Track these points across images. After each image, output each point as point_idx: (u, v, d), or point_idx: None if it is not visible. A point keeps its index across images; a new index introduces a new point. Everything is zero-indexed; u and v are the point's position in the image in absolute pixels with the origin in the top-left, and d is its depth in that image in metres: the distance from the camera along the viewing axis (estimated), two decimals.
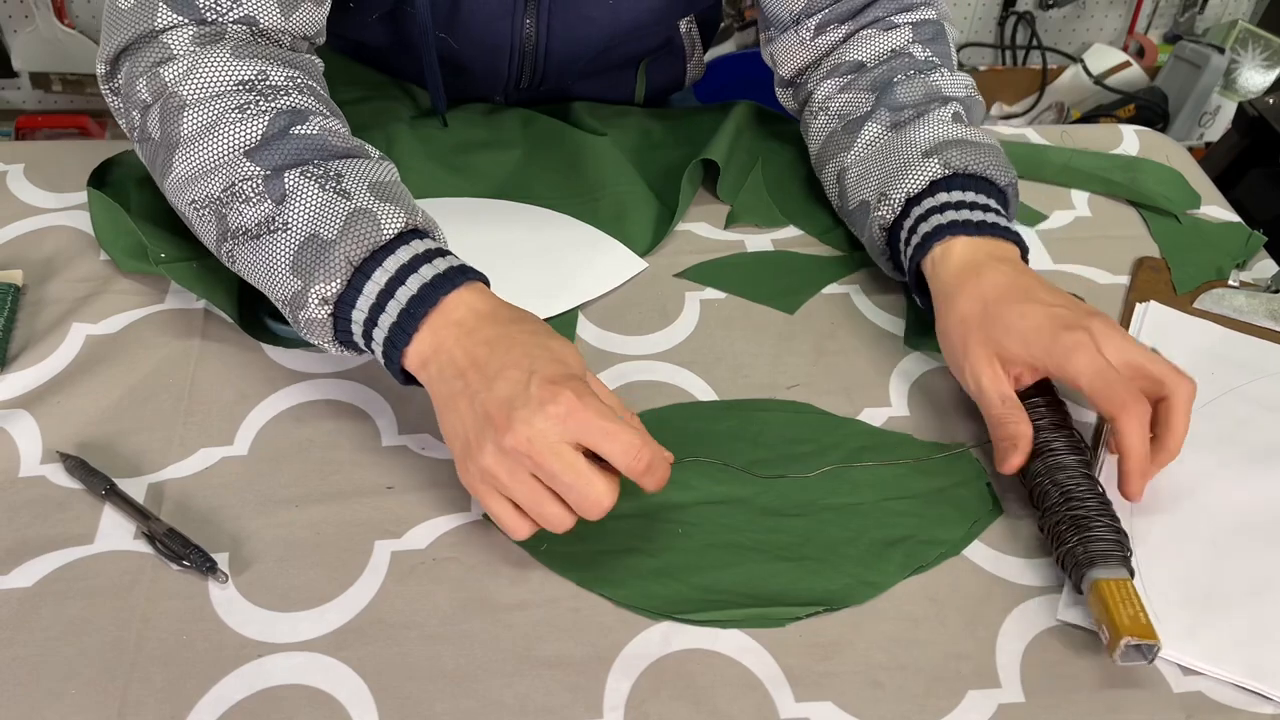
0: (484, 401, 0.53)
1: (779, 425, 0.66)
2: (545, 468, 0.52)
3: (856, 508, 0.62)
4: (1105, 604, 0.54)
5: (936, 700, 0.53)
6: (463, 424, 0.54)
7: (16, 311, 0.70)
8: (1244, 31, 2.31)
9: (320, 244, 0.57)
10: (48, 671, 0.52)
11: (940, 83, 0.76)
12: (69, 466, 0.61)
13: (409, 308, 0.56)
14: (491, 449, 0.53)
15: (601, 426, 0.52)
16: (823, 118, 0.80)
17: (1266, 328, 0.75)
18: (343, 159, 0.61)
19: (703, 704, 0.53)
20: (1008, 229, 0.68)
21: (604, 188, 0.82)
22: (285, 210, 0.58)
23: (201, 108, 0.61)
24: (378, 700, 0.52)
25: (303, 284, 0.58)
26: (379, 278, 0.57)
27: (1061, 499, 0.59)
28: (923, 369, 0.71)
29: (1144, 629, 0.52)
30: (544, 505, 0.53)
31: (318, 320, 0.58)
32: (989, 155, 0.71)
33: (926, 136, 0.72)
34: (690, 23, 0.96)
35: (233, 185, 0.60)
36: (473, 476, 0.54)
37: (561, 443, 0.52)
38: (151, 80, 0.62)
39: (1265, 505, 0.63)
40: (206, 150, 0.60)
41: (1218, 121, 2.29)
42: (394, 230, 0.58)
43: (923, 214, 0.69)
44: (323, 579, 0.57)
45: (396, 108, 0.88)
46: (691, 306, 0.75)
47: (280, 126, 0.61)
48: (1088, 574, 0.55)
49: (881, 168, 0.73)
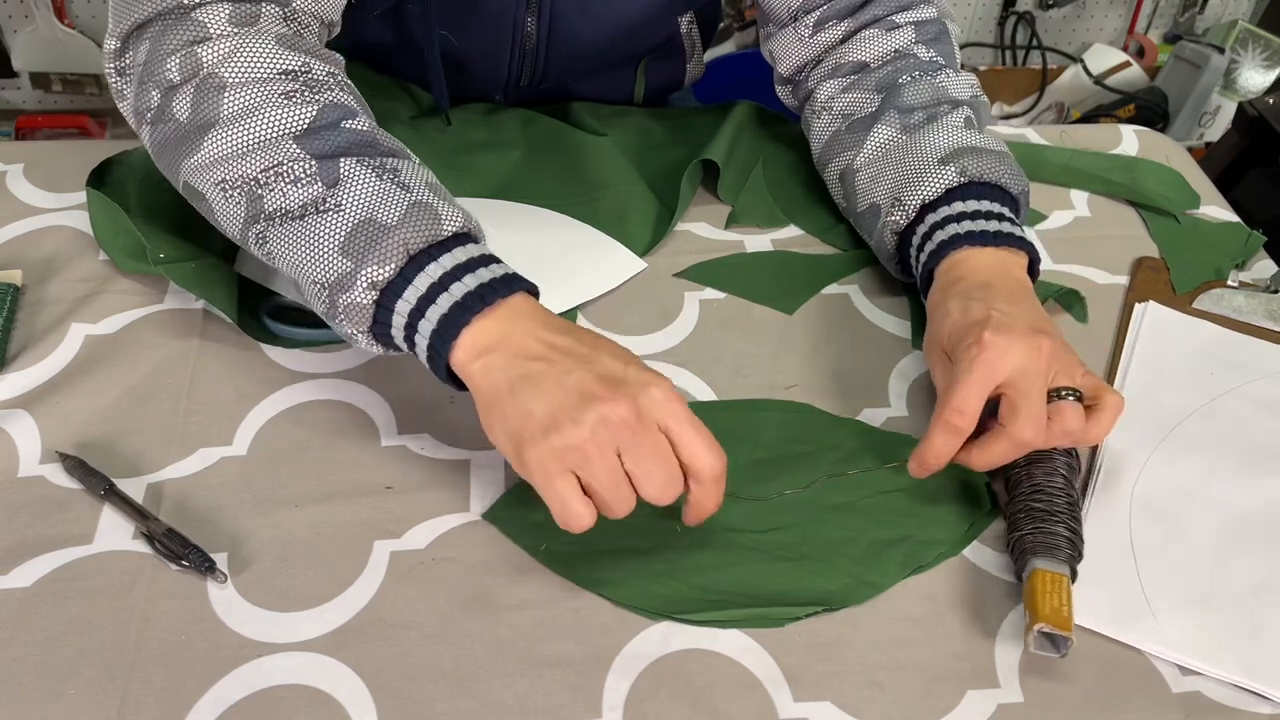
0: (581, 377, 0.52)
1: (778, 425, 0.66)
2: (642, 442, 0.52)
3: (855, 508, 0.62)
4: (1034, 591, 0.54)
5: (936, 700, 0.53)
6: (544, 403, 0.52)
7: (16, 311, 0.70)
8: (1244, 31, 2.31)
9: (377, 227, 0.56)
10: (48, 671, 0.52)
11: (946, 84, 0.76)
12: (68, 466, 0.61)
13: (465, 301, 0.54)
14: (594, 419, 0.51)
15: (695, 421, 0.53)
16: (825, 117, 0.80)
17: (1266, 328, 0.75)
18: (396, 157, 0.60)
19: (702, 704, 0.53)
20: (1021, 238, 0.68)
21: (604, 188, 0.82)
22: (339, 193, 0.57)
23: (244, 90, 0.59)
24: (377, 700, 0.52)
25: (353, 266, 0.56)
26: (433, 270, 0.55)
27: (1030, 490, 0.59)
28: (922, 369, 0.71)
29: (1062, 620, 0.53)
30: (620, 485, 0.52)
31: (360, 306, 0.56)
32: (1003, 163, 0.71)
33: (941, 143, 0.72)
34: (691, 23, 0.96)
35: (278, 165, 0.58)
36: (547, 456, 0.52)
37: (659, 429, 0.52)
38: (186, 59, 0.60)
39: (1265, 505, 0.63)
40: (248, 131, 0.58)
41: (1218, 121, 2.29)
42: (453, 228, 0.57)
43: (938, 222, 0.69)
44: (322, 579, 0.57)
45: (397, 108, 0.88)
46: (691, 306, 0.75)
47: (331, 118, 0.59)
48: (1030, 562, 0.56)
49: (895, 172, 0.73)
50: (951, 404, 0.59)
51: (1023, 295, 0.65)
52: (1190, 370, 0.71)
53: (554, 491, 0.52)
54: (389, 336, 0.58)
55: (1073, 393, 0.60)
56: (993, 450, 0.60)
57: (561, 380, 0.53)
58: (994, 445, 0.59)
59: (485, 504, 0.61)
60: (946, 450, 0.60)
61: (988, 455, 0.60)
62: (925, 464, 0.61)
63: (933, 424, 0.60)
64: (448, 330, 0.54)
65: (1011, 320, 0.61)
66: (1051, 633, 0.53)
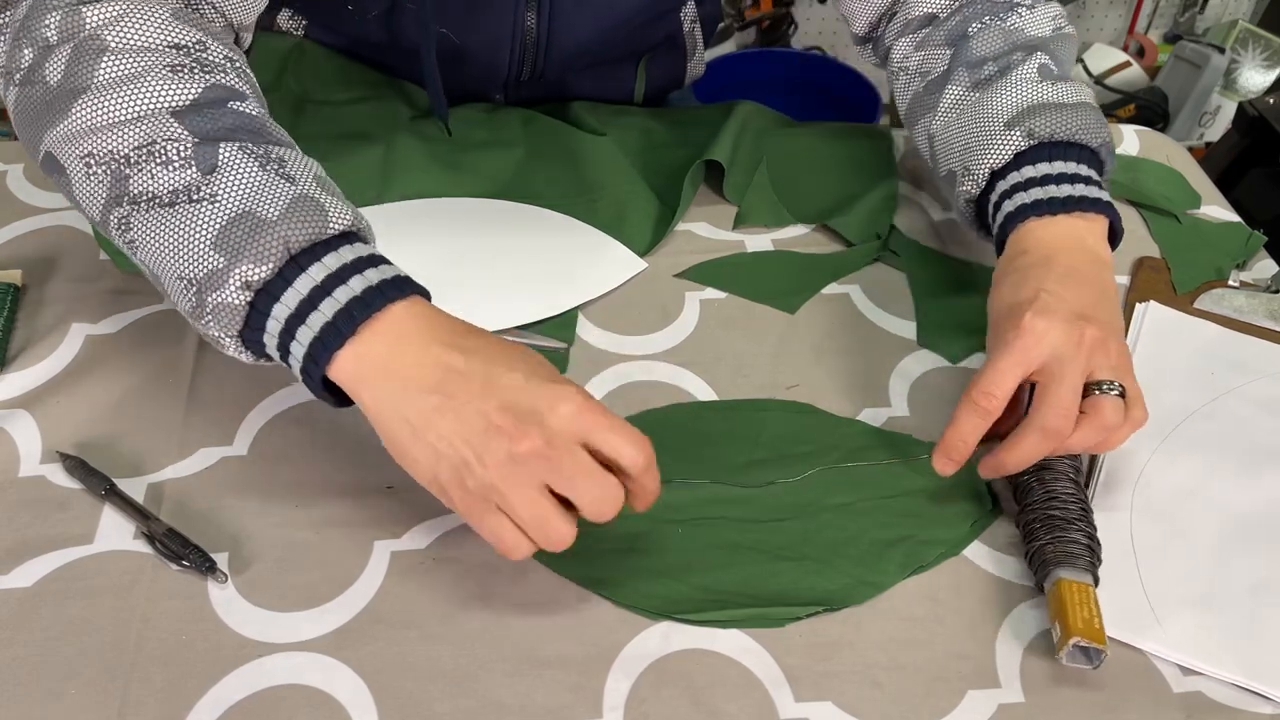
0: (480, 411, 0.49)
1: (779, 425, 0.66)
2: (562, 469, 0.49)
3: (856, 508, 0.62)
4: (1063, 603, 0.54)
5: (936, 700, 0.53)
6: (449, 442, 0.49)
7: (16, 311, 0.70)
8: (1244, 31, 2.31)
9: (255, 222, 0.50)
10: (48, 671, 0.52)
11: (1020, 24, 0.71)
12: (69, 466, 0.61)
13: (349, 308, 0.50)
14: (502, 458, 0.49)
15: (609, 421, 0.50)
16: (903, 78, 0.78)
17: (1266, 328, 0.75)
18: (284, 147, 0.55)
19: (702, 704, 0.53)
20: (1096, 200, 0.64)
21: (604, 188, 0.82)
22: (214, 181, 0.52)
23: (126, 56, 0.54)
24: (377, 700, 0.52)
25: (227, 262, 0.50)
26: (315, 272, 0.51)
27: (1044, 497, 0.59)
28: (923, 369, 0.71)
29: (1095, 633, 0.53)
30: (550, 520, 0.50)
31: (231, 307, 0.51)
32: (1077, 116, 0.67)
33: (1010, 102, 0.68)
34: (694, 21, 0.96)
35: (151, 144, 0.52)
36: (470, 496, 0.50)
37: (575, 443, 0.50)
38: (69, 17, 0.54)
39: (1265, 505, 0.63)
40: (124, 101, 0.53)
41: (1218, 121, 2.29)
42: (340, 226, 0.52)
43: (1007, 190, 0.67)
44: (322, 579, 0.57)
45: (396, 108, 0.88)
46: (691, 306, 0.75)
47: (217, 97, 0.54)
48: (1053, 572, 0.56)
49: (964, 137, 0.70)
50: (980, 385, 0.58)
51: (1085, 273, 0.62)
52: (1191, 370, 0.71)
53: (484, 530, 0.51)
54: (260, 343, 0.53)
55: (1114, 387, 0.57)
56: (1023, 445, 0.57)
57: (461, 415, 0.49)
58: (1023, 439, 0.57)
59: None
60: (972, 432, 0.58)
61: (1019, 451, 0.57)
62: (951, 448, 0.59)
63: (960, 405, 0.58)
64: (330, 339, 0.50)
65: (1058, 302, 0.59)
66: (1087, 646, 0.52)
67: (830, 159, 0.88)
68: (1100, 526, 0.59)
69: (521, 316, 0.71)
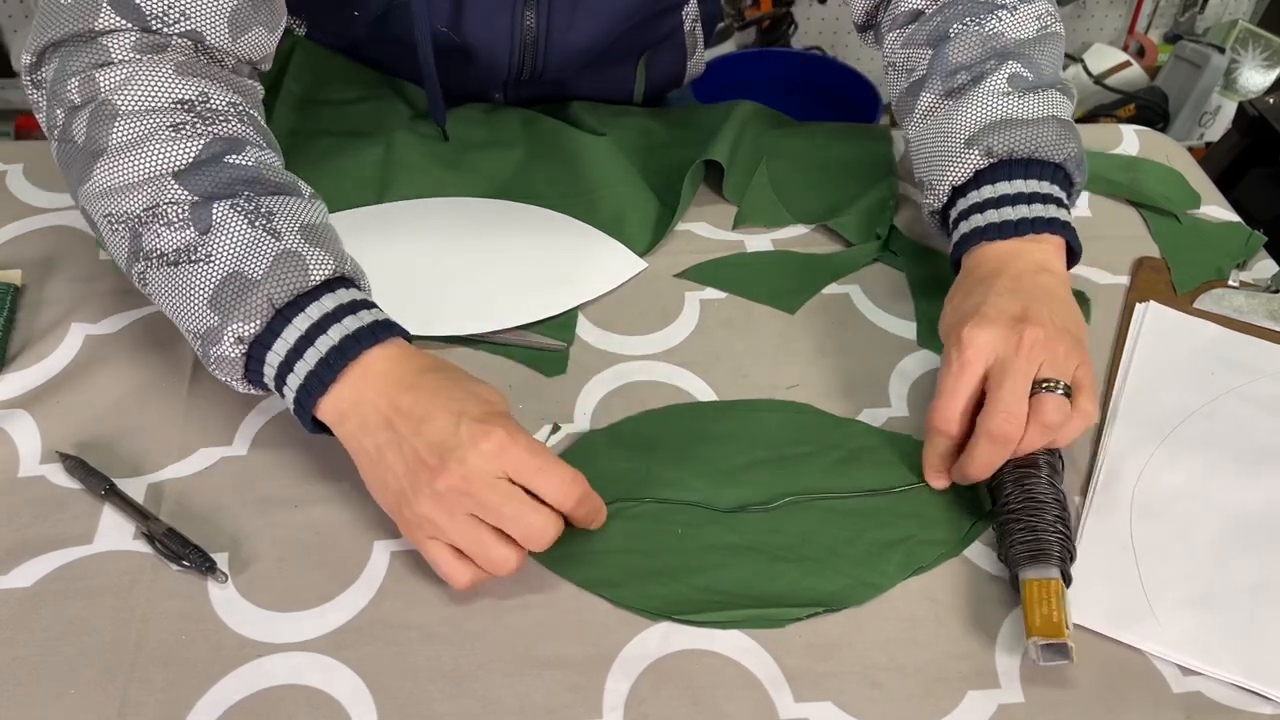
0: (414, 447, 0.53)
1: (779, 425, 0.66)
2: (485, 501, 0.52)
3: (855, 509, 0.62)
4: (1027, 603, 0.54)
5: (936, 701, 0.53)
6: (394, 475, 0.54)
7: (16, 311, 0.70)
8: (1244, 31, 2.31)
9: (244, 282, 0.56)
10: (48, 671, 0.52)
11: (1001, 27, 0.71)
12: (68, 466, 0.61)
13: (328, 358, 0.55)
14: (427, 493, 0.53)
15: (534, 462, 0.53)
16: (892, 73, 0.79)
17: (1266, 328, 0.75)
18: (275, 195, 0.59)
19: (702, 704, 0.53)
20: (1049, 221, 0.65)
21: (604, 188, 0.82)
22: (209, 242, 0.57)
23: (134, 120, 0.59)
24: (377, 700, 0.52)
25: (220, 320, 0.56)
26: (300, 323, 0.56)
27: (1014, 496, 0.59)
28: (923, 369, 0.71)
29: (1053, 628, 0.52)
30: (487, 545, 0.53)
31: (230, 359, 0.57)
32: (1038, 132, 0.67)
33: (973, 118, 0.69)
34: (695, 20, 0.96)
35: (156, 206, 0.57)
36: (411, 526, 0.55)
37: (495, 478, 0.52)
38: (85, 83, 0.60)
39: (1265, 505, 0.63)
40: (133, 165, 0.58)
41: (1218, 121, 2.29)
42: (321, 276, 0.57)
43: (965, 210, 0.69)
44: (322, 579, 0.57)
45: (396, 107, 0.88)
46: (691, 306, 0.75)
47: (215, 153, 0.59)
48: (1020, 573, 0.56)
49: (930, 148, 0.72)
50: (936, 414, 0.61)
51: (1027, 281, 0.63)
52: (1191, 370, 0.71)
53: (427, 556, 0.55)
54: (264, 385, 0.59)
55: (1056, 385, 0.58)
56: (975, 454, 0.59)
57: (400, 451, 0.54)
58: (975, 448, 0.59)
59: None
60: (946, 454, 0.61)
61: (974, 461, 0.59)
62: (933, 469, 0.62)
63: (926, 435, 0.61)
64: (314, 388, 0.55)
65: (995, 312, 0.60)
66: (1048, 643, 0.52)
67: (830, 159, 0.88)
68: (1100, 526, 0.59)
69: (522, 316, 0.71)
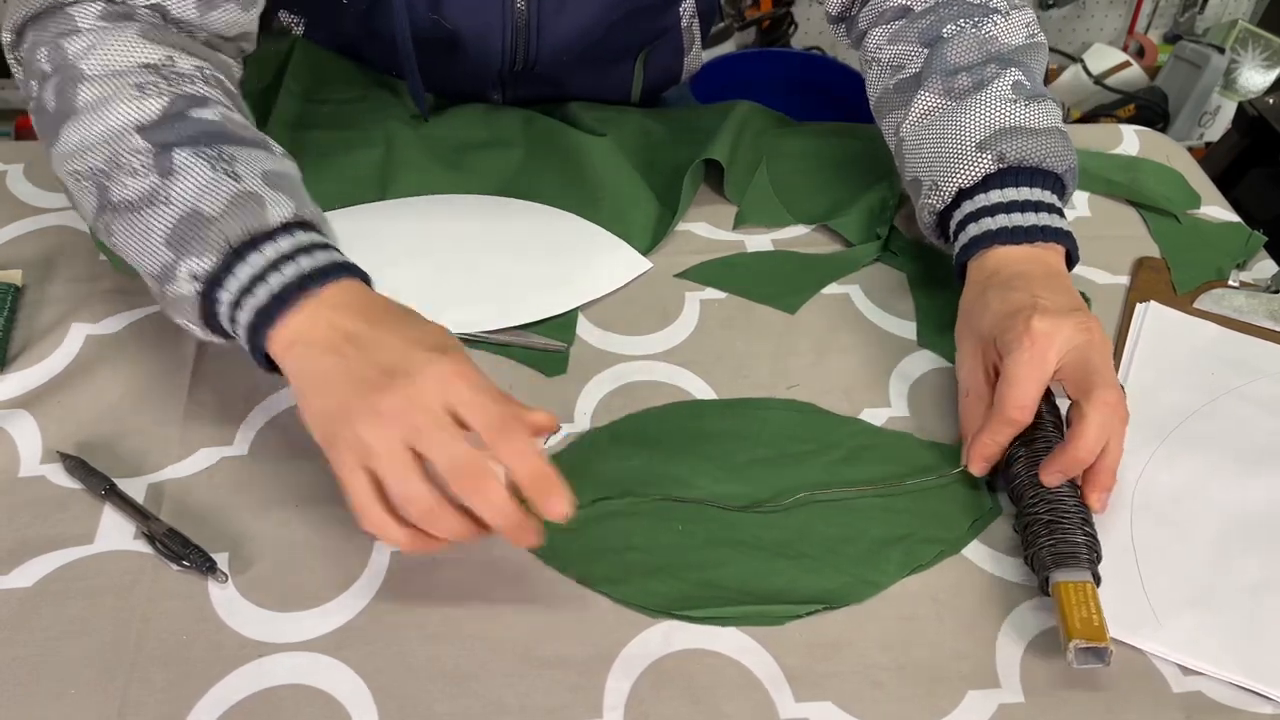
0: (360, 369, 0.51)
1: (779, 424, 0.66)
2: (422, 423, 0.49)
3: (855, 507, 0.62)
4: (1060, 606, 0.54)
5: (936, 700, 0.53)
6: (335, 398, 0.52)
7: (16, 311, 0.70)
8: (1244, 31, 2.32)
9: (200, 219, 0.55)
10: (48, 671, 0.52)
11: (995, 31, 0.73)
12: (69, 466, 0.61)
13: (281, 293, 0.54)
14: (367, 413, 0.50)
15: (481, 391, 0.51)
16: (876, 69, 0.79)
17: (1266, 328, 0.75)
18: (239, 146, 0.59)
19: (703, 704, 0.53)
20: (1057, 230, 0.67)
21: (604, 188, 0.82)
22: (170, 184, 0.57)
23: (100, 83, 0.60)
24: (377, 700, 0.52)
25: (175, 257, 0.56)
26: (255, 261, 0.55)
27: (1036, 500, 0.59)
28: (923, 369, 0.71)
29: (1095, 631, 0.52)
30: (408, 479, 0.49)
31: (184, 297, 0.56)
32: (1046, 142, 0.69)
33: (982, 121, 0.70)
34: (693, 16, 0.96)
35: (118, 157, 0.58)
36: (341, 450, 0.51)
37: (443, 410, 0.50)
38: (53, 51, 0.61)
39: (1265, 505, 0.63)
40: (98, 122, 0.59)
41: (1218, 121, 2.29)
42: (280, 219, 0.56)
43: (973, 212, 0.69)
44: (322, 579, 0.57)
45: (396, 107, 0.88)
46: (691, 306, 0.75)
47: (180, 109, 0.59)
48: (1051, 576, 0.56)
49: (934, 149, 0.71)
50: (1010, 401, 0.60)
51: (1059, 282, 0.65)
52: (1191, 370, 0.71)
53: (348, 486, 0.51)
54: (222, 329, 0.58)
55: None
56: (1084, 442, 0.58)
57: (347, 373, 0.52)
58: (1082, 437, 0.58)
59: None
60: (1005, 441, 0.62)
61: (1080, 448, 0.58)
62: (987, 455, 0.62)
63: (992, 419, 0.61)
64: (262, 323, 0.54)
65: (1056, 305, 0.62)
66: (1090, 646, 0.52)
67: (830, 159, 0.88)
68: (1100, 526, 0.59)
69: (524, 315, 0.71)
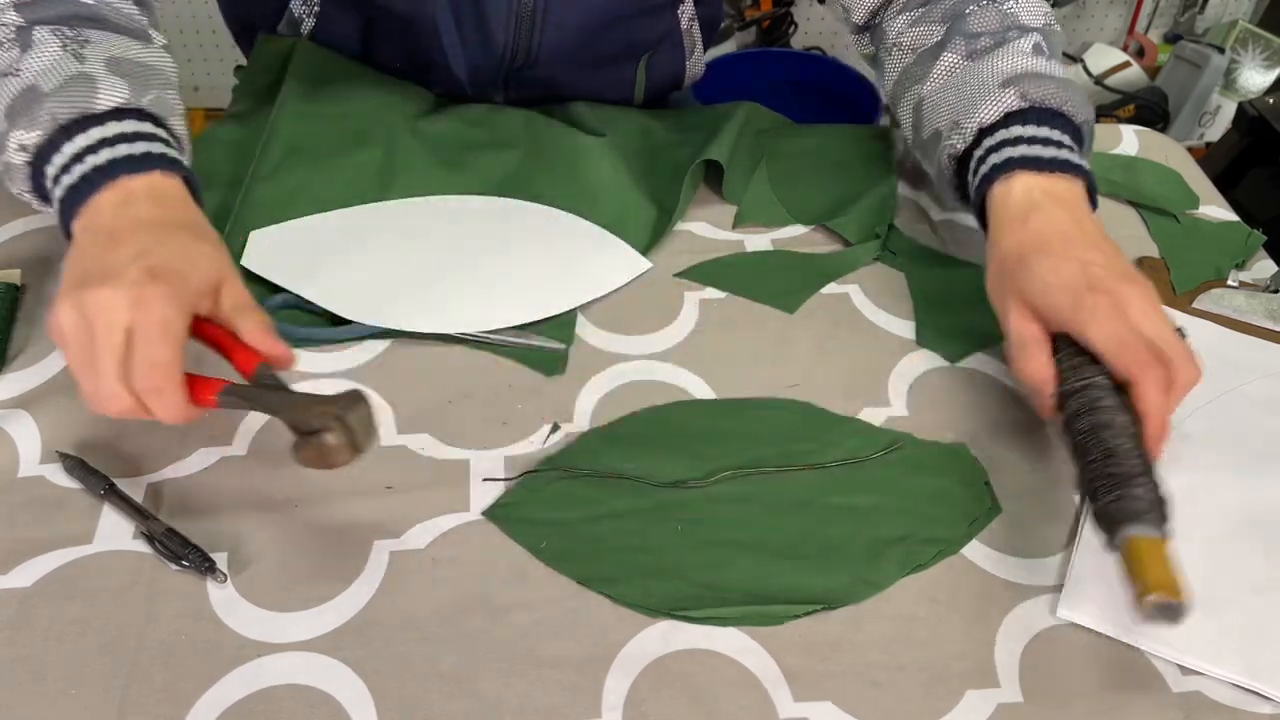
0: (88, 262, 0.54)
1: (779, 423, 0.66)
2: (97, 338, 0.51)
3: (855, 507, 0.62)
4: (1139, 561, 0.52)
5: (936, 700, 0.53)
6: (65, 275, 0.54)
7: (16, 311, 0.70)
8: (1244, 31, 2.32)
9: (34, 95, 0.59)
10: (48, 671, 0.52)
11: (1015, 10, 0.75)
12: (68, 466, 0.61)
13: (90, 175, 0.57)
14: (69, 302, 0.52)
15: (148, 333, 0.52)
16: (896, 54, 0.80)
17: (1266, 328, 0.75)
18: (104, 30, 0.62)
19: (702, 703, 0.53)
20: (1079, 165, 0.67)
21: (604, 188, 0.82)
22: (25, 59, 0.60)
23: None
24: (377, 700, 0.52)
25: (7, 127, 0.59)
26: (80, 140, 0.58)
27: (1103, 455, 0.57)
28: (923, 369, 0.71)
29: (1172, 586, 0.51)
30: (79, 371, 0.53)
31: (15, 166, 0.60)
32: (1067, 90, 0.69)
33: (1005, 66, 0.71)
34: (692, 20, 0.96)
35: None
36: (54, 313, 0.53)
37: (119, 325, 0.51)
38: None
39: (1264, 505, 0.63)
40: None
41: (1218, 121, 2.29)
42: (110, 103, 0.59)
43: (994, 145, 0.68)
44: (322, 579, 0.57)
45: (397, 107, 0.88)
46: (691, 306, 0.75)
47: None
48: (1122, 530, 0.54)
49: (957, 96, 0.72)
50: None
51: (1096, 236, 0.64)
52: None
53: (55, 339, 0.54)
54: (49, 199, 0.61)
55: None
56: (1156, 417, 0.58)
57: (82, 259, 0.55)
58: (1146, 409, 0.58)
59: (485, 503, 0.61)
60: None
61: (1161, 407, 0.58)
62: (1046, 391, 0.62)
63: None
64: (71, 200, 0.57)
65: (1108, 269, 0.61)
66: (1167, 602, 0.51)
67: (830, 159, 0.88)
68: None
69: (524, 316, 0.71)
